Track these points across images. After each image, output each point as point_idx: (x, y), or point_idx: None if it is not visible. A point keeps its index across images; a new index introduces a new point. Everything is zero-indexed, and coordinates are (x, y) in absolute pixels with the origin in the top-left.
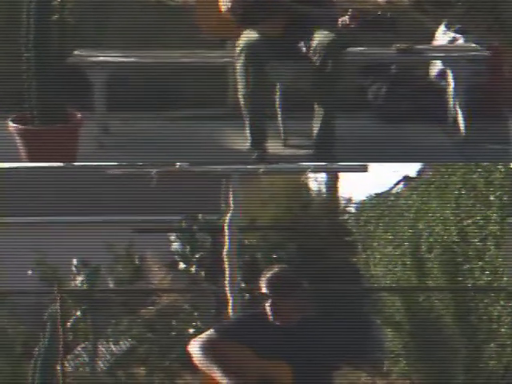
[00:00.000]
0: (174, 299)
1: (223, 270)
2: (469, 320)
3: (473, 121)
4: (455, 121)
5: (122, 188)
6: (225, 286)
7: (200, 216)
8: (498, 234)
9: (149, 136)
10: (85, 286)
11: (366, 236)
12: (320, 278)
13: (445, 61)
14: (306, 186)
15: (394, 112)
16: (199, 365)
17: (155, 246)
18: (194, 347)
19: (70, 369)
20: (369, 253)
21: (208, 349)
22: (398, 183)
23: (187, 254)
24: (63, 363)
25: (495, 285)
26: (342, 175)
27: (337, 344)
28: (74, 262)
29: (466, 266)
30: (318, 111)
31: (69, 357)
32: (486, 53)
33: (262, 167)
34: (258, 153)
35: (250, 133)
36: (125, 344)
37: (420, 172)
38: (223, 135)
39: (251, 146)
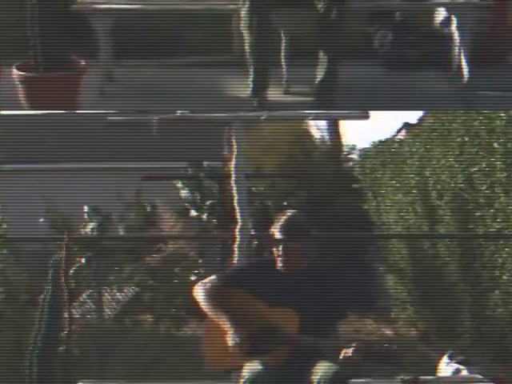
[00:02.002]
0: (179, 246)
1: (234, 218)
2: (474, 267)
3: (476, 68)
4: (459, 68)
5: (128, 135)
6: (235, 234)
7: (205, 163)
8: (505, 181)
9: (152, 83)
10: (95, 233)
11: (373, 183)
12: (329, 225)
13: (450, 8)
14: (308, 134)
15: (398, 59)
16: (203, 309)
17: (164, 194)
18: (198, 292)
19: (76, 316)
20: (379, 200)
21: (212, 294)
22: (399, 130)
23: (198, 202)
24: (70, 310)
25: (506, 232)
26: (344, 123)
27: (343, 291)
28: (85, 209)
29: (477, 214)
30: (322, 58)
31: (75, 304)
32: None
33: (263, 114)
34: (258, 100)
35: (252, 80)
36: (130, 291)
37: (421, 119)
38: (225, 82)
39: (252, 93)
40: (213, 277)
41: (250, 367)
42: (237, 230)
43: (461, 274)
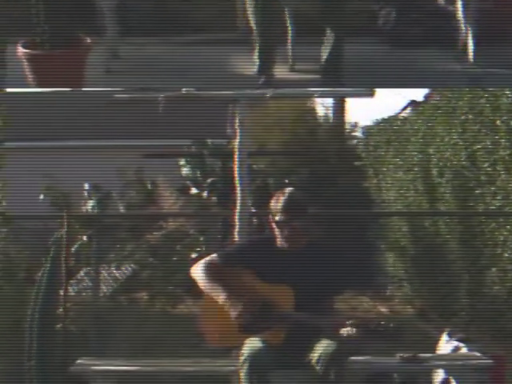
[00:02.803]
0: (180, 224)
1: (234, 195)
2: (474, 244)
3: (481, 46)
4: (464, 46)
5: (131, 113)
6: (235, 211)
7: (209, 141)
8: (507, 159)
9: (157, 61)
10: (96, 211)
11: (376, 161)
12: (330, 203)
13: None
14: (312, 111)
15: (404, 37)
16: (201, 287)
17: (166, 171)
18: (197, 270)
19: (72, 294)
20: (380, 178)
21: (210, 271)
22: (404, 108)
23: (199, 179)
24: (66, 288)
25: (506, 209)
26: (349, 100)
27: (342, 268)
28: (86, 186)
29: (478, 191)
30: (328, 36)
31: (72, 282)
32: None
33: (268, 92)
34: (264, 77)
35: (259, 57)
36: (127, 269)
37: (427, 97)
38: (231, 60)
39: (258, 70)
40: (213, 255)
41: (250, 345)
42: (237, 207)
43: (461, 252)
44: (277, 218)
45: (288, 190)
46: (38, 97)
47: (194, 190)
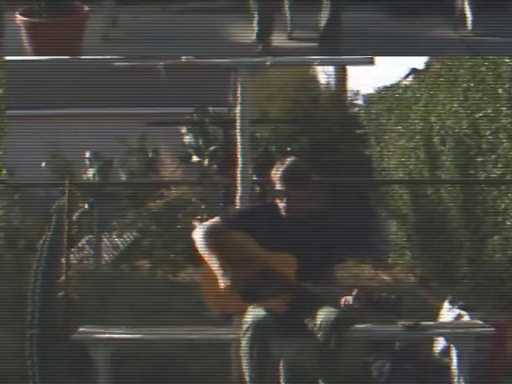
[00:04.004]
0: (182, 192)
1: (236, 163)
2: (475, 212)
3: (480, 13)
4: (462, 14)
5: (132, 81)
6: (236, 179)
7: (210, 109)
8: (509, 127)
9: (156, 29)
10: (97, 179)
11: (377, 129)
12: (332, 171)
13: None
14: (314, 79)
15: (403, 4)
16: (200, 250)
17: (168, 139)
18: (198, 233)
19: (74, 261)
20: (382, 146)
21: (211, 236)
22: (406, 76)
23: (201, 147)
24: (68, 256)
25: (507, 177)
26: (350, 68)
27: (344, 236)
28: (87, 154)
29: (479, 159)
30: (326, 3)
31: (73, 250)
32: None
33: (268, 60)
34: (263, 45)
35: (257, 25)
36: (129, 237)
37: (428, 65)
38: (229, 28)
39: (257, 38)
40: (216, 218)
41: (253, 313)
42: (238, 175)
43: (462, 220)
44: (278, 188)
45: (289, 159)
46: (41, 64)
47: (195, 158)
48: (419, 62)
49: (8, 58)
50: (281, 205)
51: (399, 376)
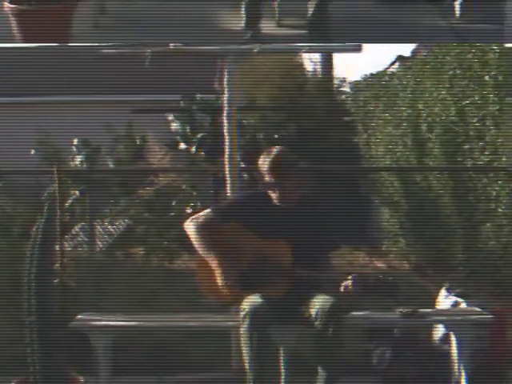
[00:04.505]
0: (172, 179)
1: (223, 151)
2: (467, 199)
3: (468, 1)
4: (451, 1)
5: (119, 68)
6: (224, 166)
7: (198, 96)
8: (496, 114)
9: (145, 16)
10: (84, 166)
11: (365, 116)
12: (320, 158)
13: None
14: (301, 66)
15: None
16: (194, 245)
17: (155, 127)
18: (190, 226)
19: (69, 248)
20: (369, 133)
21: (204, 229)
22: (392, 63)
23: (187, 135)
24: (62, 243)
25: (495, 165)
26: (336, 56)
27: (336, 223)
28: (75, 141)
29: (466, 146)
30: None
31: (67, 237)
32: None
33: (256, 47)
34: (251, 32)
35: (245, 12)
36: (121, 224)
37: (414, 52)
38: (218, 15)
39: (245, 25)
40: (207, 211)
41: (250, 300)
42: (226, 162)
43: (454, 207)
44: (267, 180)
45: (275, 149)
46: (26, 52)
47: (182, 145)
48: (406, 49)
49: None
50: (273, 195)
51: (400, 363)
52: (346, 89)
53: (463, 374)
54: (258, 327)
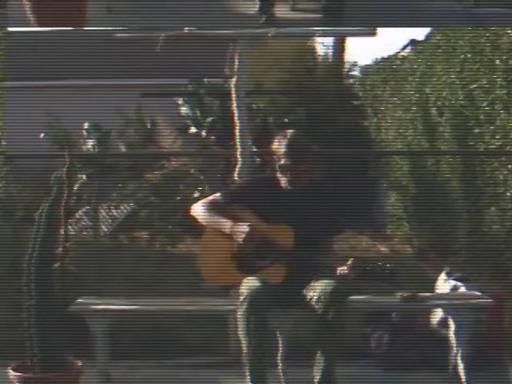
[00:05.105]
0: (182, 163)
1: (233, 134)
2: (475, 183)
3: None
4: None
5: (131, 52)
6: (235, 150)
7: (205, 80)
8: (506, 98)
9: (157, 0)
10: (96, 150)
11: (374, 100)
12: (330, 141)
13: None
14: (312, 50)
15: None
16: (202, 221)
17: (165, 111)
18: (198, 208)
19: (72, 232)
20: (379, 117)
21: (212, 207)
22: (404, 47)
23: (198, 118)
24: (66, 227)
25: (507, 149)
26: (349, 39)
27: (342, 207)
28: (86, 125)
29: (477, 130)
30: None
31: (70, 221)
32: None
33: (270, 31)
34: (266, 16)
35: None
36: (126, 208)
37: (428, 36)
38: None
39: (259, 9)
40: (216, 194)
41: (249, 284)
42: (237, 146)
43: (461, 191)
44: (281, 162)
45: (290, 132)
46: (38, 36)
47: (193, 129)
48: (420, 33)
49: (11, 29)
50: (283, 178)
51: (398, 347)
52: (356, 73)
53: (461, 357)
54: (256, 311)
